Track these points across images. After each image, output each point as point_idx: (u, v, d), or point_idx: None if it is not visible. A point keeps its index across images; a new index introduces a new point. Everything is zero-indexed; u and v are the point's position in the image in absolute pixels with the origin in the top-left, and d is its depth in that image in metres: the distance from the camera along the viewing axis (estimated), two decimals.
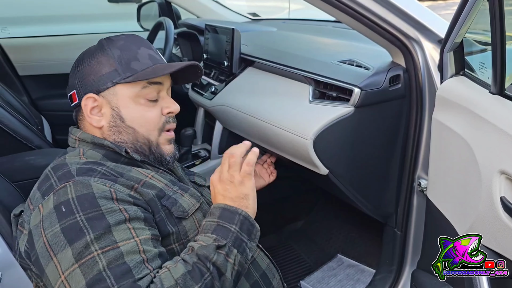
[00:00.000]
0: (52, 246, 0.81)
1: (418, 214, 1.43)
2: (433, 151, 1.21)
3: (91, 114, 1.01)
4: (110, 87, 0.99)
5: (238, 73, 1.78)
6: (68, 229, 0.81)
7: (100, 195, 0.85)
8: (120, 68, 0.98)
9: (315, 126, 1.27)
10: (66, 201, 0.84)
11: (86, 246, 0.79)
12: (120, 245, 0.80)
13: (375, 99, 1.29)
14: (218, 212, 0.91)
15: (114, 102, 1.00)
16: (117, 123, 1.00)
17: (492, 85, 0.95)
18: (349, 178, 1.38)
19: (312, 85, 1.40)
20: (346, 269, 1.83)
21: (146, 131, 1.02)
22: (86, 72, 1.00)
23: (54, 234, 0.81)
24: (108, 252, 0.79)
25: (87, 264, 0.77)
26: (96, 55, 1.01)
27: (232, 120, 1.69)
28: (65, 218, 0.82)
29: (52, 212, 0.84)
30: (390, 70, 1.31)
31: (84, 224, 0.81)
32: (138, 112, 1.00)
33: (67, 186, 0.86)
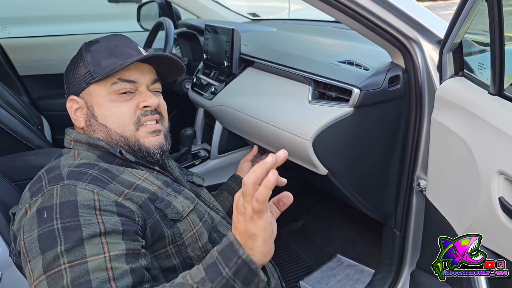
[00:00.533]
0: (28, 252, 0.81)
1: (417, 215, 1.43)
2: (432, 152, 1.21)
3: (75, 115, 1.04)
4: (85, 87, 1.02)
5: (238, 73, 1.79)
6: (44, 236, 0.81)
7: (83, 203, 0.84)
8: (92, 68, 1.01)
9: (315, 127, 1.28)
10: (50, 206, 0.84)
11: (56, 258, 0.78)
12: (88, 260, 0.78)
13: (374, 100, 1.30)
14: (224, 245, 0.76)
15: (89, 102, 1.02)
16: (92, 122, 1.02)
17: (491, 85, 0.95)
18: (349, 178, 1.38)
19: (311, 85, 1.41)
20: (346, 269, 1.83)
21: (119, 127, 1.01)
22: (68, 76, 1.06)
23: (31, 240, 0.82)
24: (75, 267, 0.77)
25: (53, 277, 0.77)
26: (75, 59, 1.06)
27: (231, 120, 1.69)
28: (44, 225, 0.82)
29: (34, 216, 0.84)
30: (389, 71, 1.32)
31: (59, 233, 0.80)
32: (110, 109, 1.01)
33: (54, 189, 0.86)
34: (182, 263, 0.95)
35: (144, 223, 0.89)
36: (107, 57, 1.01)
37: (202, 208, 1.05)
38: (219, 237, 1.05)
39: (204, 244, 0.99)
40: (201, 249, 0.98)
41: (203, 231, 1.00)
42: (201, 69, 2.07)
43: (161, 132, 1.05)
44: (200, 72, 2.06)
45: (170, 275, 0.93)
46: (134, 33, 2.81)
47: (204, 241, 0.99)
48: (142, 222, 0.89)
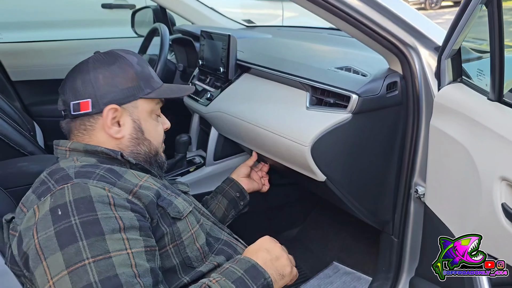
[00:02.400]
0: (43, 249, 0.79)
1: (415, 221, 1.43)
2: (431, 158, 1.21)
3: (112, 125, 1.02)
4: (133, 100, 1.03)
5: (234, 79, 1.78)
6: (62, 233, 0.79)
7: (97, 199, 0.84)
8: (142, 84, 1.04)
9: (313, 133, 1.27)
10: (63, 204, 0.83)
11: (77, 252, 0.77)
12: (112, 255, 0.78)
13: (372, 106, 1.29)
14: (247, 266, 0.91)
15: (135, 115, 1.04)
16: (138, 135, 1.05)
17: (491, 91, 0.95)
18: (346, 184, 1.37)
19: (309, 91, 1.40)
20: (342, 277, 1.82)
21: (158, 143, 1.10)
22: (106, 83, 1.02)
23: (47, 237, 0.80)
24: (100, 262, 0.77)
25: (77, 272, 0.76)
26: (116, 68, 1.03)
27: (227, 126, 1.68)
28: (60, 222, 0.80)
29: (48, 215, 0.82)
30: (387, 77, 1.32)
31: (78, 229, 0.79)
32: (153, 126, 1.08)
33: (65, 188, 0.85)
34: (181, 264, 0.97)
35: (151, 222, 0.91)
36: (151, 76, 1.08)
37: (197, 212, 1.10)
38: (214, 241, 1.10)
39: (202, 245, 1.02)
40: (199, 250, 1.01)
41: (201, 233, 1.03)
42: (197, 75, 2.05)
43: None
44: (195, 78, 2.05)
45: (170, 276, 0.94)
46: (129, 39, 2.80)
47: (202, 243, 1.03)
48: (150, 220, 0.91)
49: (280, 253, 0.99)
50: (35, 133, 2.10)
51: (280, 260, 0.97)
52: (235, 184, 1.51)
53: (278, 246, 1.01)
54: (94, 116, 1.02)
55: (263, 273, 0.90)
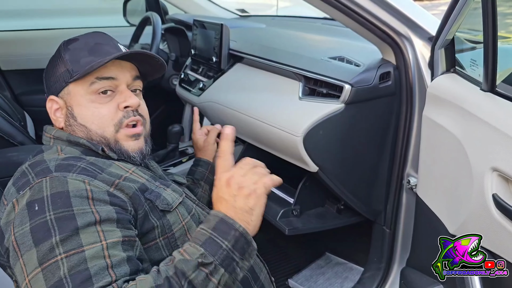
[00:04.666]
0: (20, 246, 0.78)
1: (407, 212, 1.43)
2: (423, 149, 1.20)
3: (55, 116, 1.02)
4: (64, 87, 0.99)
5: (226, 69, 1.76)
6: (37, 229, 0.78)
7: (75, 193, 0.82)
8: (71, 67, 0.98)
9: (305, 123, 1.26)
10: (40, 199, 0.81)
11: (51, 249, 0.76)
12: (85, 249, 0.76)
13: (365, 96, 1.29)
14: (214, 222, 0.81)
15: (69, 102, 1.00)
16: (71, 122, 0.99)
17: (483, 82, 0.95)
18: (339, 175, 1.37)
19: (302, 81, 1.39)
20: (334, 267, 1.82)
21: (99, 128, 0.98)
22: (48, 75, 1.03)
23: (23, 234, 0.79)
24: (72, 257, 0.75)
25: (50, 269, 0.74)
26: (54, 58, 1.03)
27: (220, 116, 1.66)
28: (36, 217, 0.79)
29: (24, 209, 0.81)
30: (380, 67, 1.31)
31: (52, 224, 0.78)
32: (90, 109, 0.98)
33: (43, 181, 0.84)
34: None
35: (136, 214, 0.89)
36: (87, 55, 0.98)
37: (189, 202, 1.05)
38: None
39: None
40: None
41: (192, 224, 1.00)
42: (189, 65, 2.04)
43: (140, 136, 1.03)
44: (188, 68, 2.03)
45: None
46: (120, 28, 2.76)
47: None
48: (134, 212, 0.88)
49: (239, 183, 0.81)
50: (25, 123, 2.08)
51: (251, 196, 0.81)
52: (213, 168, 1.42)
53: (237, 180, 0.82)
54: None
55: (232, 225, 0.79)
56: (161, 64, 1.08)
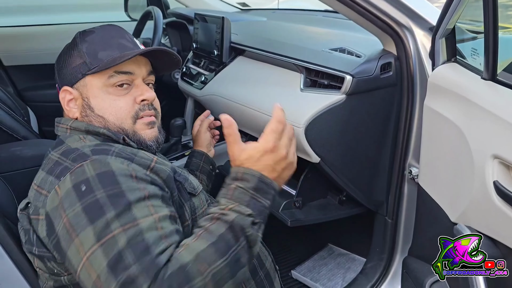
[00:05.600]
0: (74, 227, 0.79)
1: (409, 202, 1.43)
2: (424, 138, 1.21)
3: (68, 106, 1.03)
4: (81, 79, 1.01)
5: (228, 62, 1.77)
6: (89, 207, 0.80)
7: (119, 172, 0.84)
8: (88, 60, 1.00)
9: (307, 114, 1.27)
10: (86, 179, 0.83)
11: (106, 225, 0.78)
12: (139, 222, 0.79)
13: (366, 87, 1.29)
14: (254, 182, 0.83)
15: (85, 93, 1.01)
16: (88, 113, 1.01)
17: (484, 71, 0.95)
18: (340, 166, 1.38)
19: (303, 73, 1.39)
20: (337, 258, 1.83)
21: (117, 119, 1.01)
22: (61, 66, 1.04)
23: (75, 214, 0.80)
24: (128, 230, 0.77)
25: (108, 244, 0.76)
26: (69, 49, 1.04)
27: (222, 109, 1.67)
28: (86, 197, 0.81)
29: (71, 192, 0.82)
30: (381, 58, 1.31)
31: (105, 202, 0.80)
32: (107, 101, 1.00)
33: (85, 165, 0.85)
34: None
35: (171, 195, 0.93)
36: (104, 49, 1.00)
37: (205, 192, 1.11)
38: None
39: None
40: None
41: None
42: (191, 59, 2.04)
43: (155, 124, 1.06)
44: (189, 62, 2.03)
45: None
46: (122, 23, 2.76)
47: None
48: (170, 194, 0.92)
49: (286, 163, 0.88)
50: (28, 118, 2.09)
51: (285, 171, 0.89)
52: (207, 157, 1.49)
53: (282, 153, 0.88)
54: None
55: (271, 184, 0.84)
56: (177, 61, 1.11)
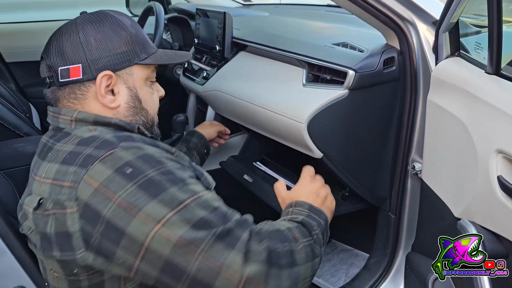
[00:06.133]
0: (133, 204, 0.76)
1: (412, 198, 1.43)
2: (428, 133, 1.20)
3: (106, 93, 0.92)
4: (128, 66, 0.93)
5: (230, 57, 1.76)
6: (146, 186, 0.78)
7: (158, 155, 0.83)
8: (138, 48, 0.94)
9: (309, 109, 1.26)
10: (127, 163, 0.79)
11: (173, 197, 0.77)
12: (203, 194, 0.81)
13: (369, 82, 1.28)
14: (307, 206, 1.01)
15: (130, 82, 0.95)
16: (136, 104, 0.96)
17: (488, 65, 0.94)
18: (343, 161, 1.37)
19: (305, 68, 1.39)
20: (340, 254, 1.83)
21: (154, 113, 1.02)
22: (99, 47, 0.90)
23: (130, 193, 0.77)
24: (197, 200, 0.79)
25: (184, 211, 0.76)
26: (108, 30, 0.91)
27: (224, 105, 1.67)
28: (136, 177, 0.78)
29: (114, 176, 0.78)
30: (384, 53, 1.30)
31: (160, 179, 0.79)
32: (149, 94, 0.99)
33: (118, 151, 0.81)
34: None
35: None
36: (146, 41, 0.97)
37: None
38: None
39: None
40: None
41: None
42: (193, 54, 2.03)
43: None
44: (191, 57, 2.03)
45: None
46: None
47: None
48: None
49: (326, 192, 1.12)
50: (31, 115, 2.09)
51: (327, 200, 1.11)
52: (204, 141, 1.55)
53: (320, 184, 1.13)
54: (85, 84, 0.91)
55: (321, 211, 1.02)
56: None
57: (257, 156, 1.76)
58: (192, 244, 0.75)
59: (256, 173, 1.66)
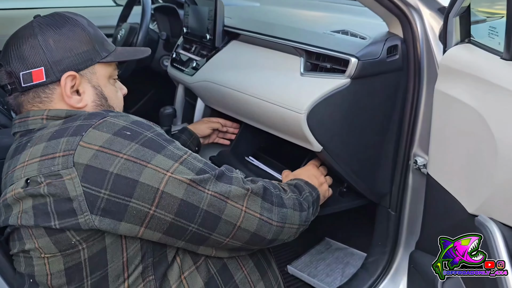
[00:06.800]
0: (141, 158, 0.80)
1: (413, 193, 1.37)
2: (435, 125, 1.13)
3: (71, 94, 0.91)
4: (90, 65, 0.94)
5: (221, 47, 1.67)
6: (148, 144, 0.82)
7: (147, 122, 0.88)
8: (97, 47, 0.95)
9: (309, 99, 1.18)
10: (124, 127, 0.83)
11: (173, 153, 0.83)
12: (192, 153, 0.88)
13: (372, 71, 1.21)
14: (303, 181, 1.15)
15: (95, 81, 0.95)
16: (102, 102, 0.97)
17: (505, 51, 0.88)
18: (343, 155, 1.30)
19: (303, 56, 1.31)
20: (335, 252, 1.76)
21: (120, 110, 1.01)
22: (59, 48, 0.90)
23: (136, 150, 0.80)
24: (191, 155, 0.87)
25: (185, 163, 0.84)
26: (67, 31, 0.92)
27: (215, 96, 1.58)
28: (137, 137, 0.82)
29: (115, 138, 0.81)
30: (387, 40, 1.23)
31: (157, 139, 0.84)
32: (113, 92, 1.00)
33: (110, 118, 0.84)
34: None
35: None
36: (104, 39, 0.99)
37: None
38: None
39: None
40: None
41: None
42: (181, 44, 1.94)
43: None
44: (179, 47, 1.93)
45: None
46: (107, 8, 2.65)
47: None
48: None
49: (324, 179, 1.26)
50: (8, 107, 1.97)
51: (323, 185, 1.24)
52: (195, 139, 1.55)
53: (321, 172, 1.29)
54: (50, 86, 0.90)
55: (315, 188, 1.16)
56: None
57: (249, 150, 1.68)
58: (202, 183, 0.84)
59: (249, 168, 1.58)
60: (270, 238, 0.94)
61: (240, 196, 0.88)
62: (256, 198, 0.91)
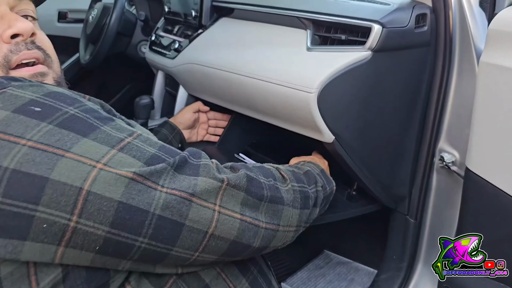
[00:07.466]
0: (55, 144, 0.55)
1: (437, 197, 1.15)
2: (479, 108, 0.91)
3: None
4: None
5: (209, 25, 1.43)
6: (68, 122, 0.57)
7: (70, 93, 0.63)
8: None
9: (320, 76, 0.95)
10: (31, 100, 0.57)
11: (109, 135, 0.59)
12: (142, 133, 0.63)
13: (397, 43, 0.99)
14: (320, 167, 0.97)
15: None
16: None
17: None
18: (357, 147, 1.06)
19: (310, 28, 1.08)
20: (336, 268, 1.52)
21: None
22: None
23: (47, 133, 0.55)
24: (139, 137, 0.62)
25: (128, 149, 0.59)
26: None
27: (201, 81, 1.33)
28: (52, 115, 0.57)
29: (16, 117, 0.55)
30: (415, 7, 1.01)
31: (85, 117, 0.59)
32: None
33: (9, 90, 0.58)
34: None
35: None
36: None
37: None
38: None
39: None
40: None
41: None
42: (162, 26, 1.69)
43: (47, 75, 0.73)
44: (160, 30, 1.68)
45: None
46: None
47: None
48: None
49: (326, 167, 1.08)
50: None
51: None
52: (177, 134, 1.33)
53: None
54: None
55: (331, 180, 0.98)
56: None
57: (240, 146, 1.43)
58: (152, 176, 0.59)
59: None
60: (258, 246, 0.70)
61: (210, 191, 0.64)
62: (235, 192, 0.67)
